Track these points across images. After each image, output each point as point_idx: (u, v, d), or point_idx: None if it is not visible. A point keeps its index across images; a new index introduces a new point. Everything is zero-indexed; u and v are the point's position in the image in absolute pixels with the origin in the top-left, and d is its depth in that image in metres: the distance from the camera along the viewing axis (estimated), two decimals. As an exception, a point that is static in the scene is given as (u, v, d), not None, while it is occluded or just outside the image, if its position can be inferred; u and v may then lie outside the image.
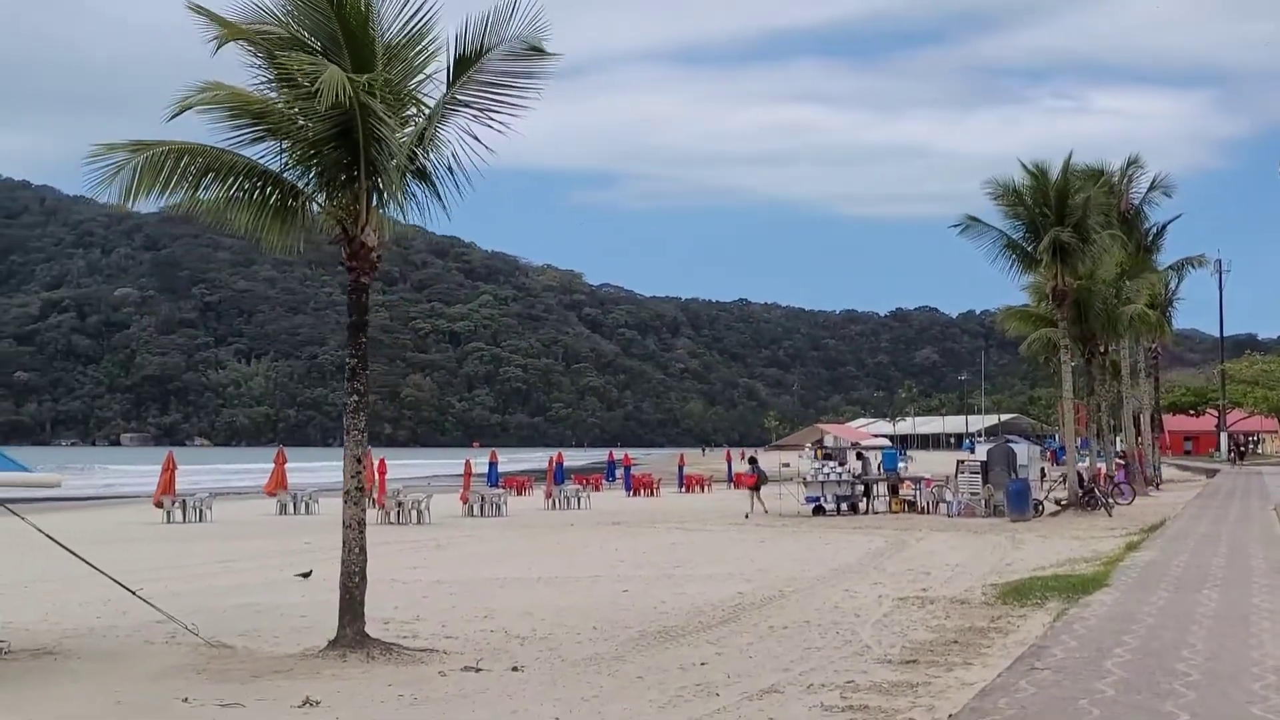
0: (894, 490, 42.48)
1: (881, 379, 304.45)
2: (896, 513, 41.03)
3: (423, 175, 15.34)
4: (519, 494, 61.23)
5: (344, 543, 15.05)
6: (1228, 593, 18.33)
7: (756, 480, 45.42)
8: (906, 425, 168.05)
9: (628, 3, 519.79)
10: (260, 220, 15.00)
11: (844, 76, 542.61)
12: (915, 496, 42.14)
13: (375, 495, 42.25)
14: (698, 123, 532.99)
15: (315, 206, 15.18)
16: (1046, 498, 40.62)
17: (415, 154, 15.09)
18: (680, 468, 71.03)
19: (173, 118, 14.23)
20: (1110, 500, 41.38)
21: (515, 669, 13.52)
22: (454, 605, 19.04)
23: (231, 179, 14.75)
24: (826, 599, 19.19)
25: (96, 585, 18.20)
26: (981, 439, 70.58)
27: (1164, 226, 63.73)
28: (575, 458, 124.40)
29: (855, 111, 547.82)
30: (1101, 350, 54.61)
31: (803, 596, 19.64)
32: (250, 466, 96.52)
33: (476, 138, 15.03)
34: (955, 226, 42.68)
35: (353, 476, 14.91)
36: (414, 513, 41.97)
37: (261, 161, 14.84)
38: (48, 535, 16.17)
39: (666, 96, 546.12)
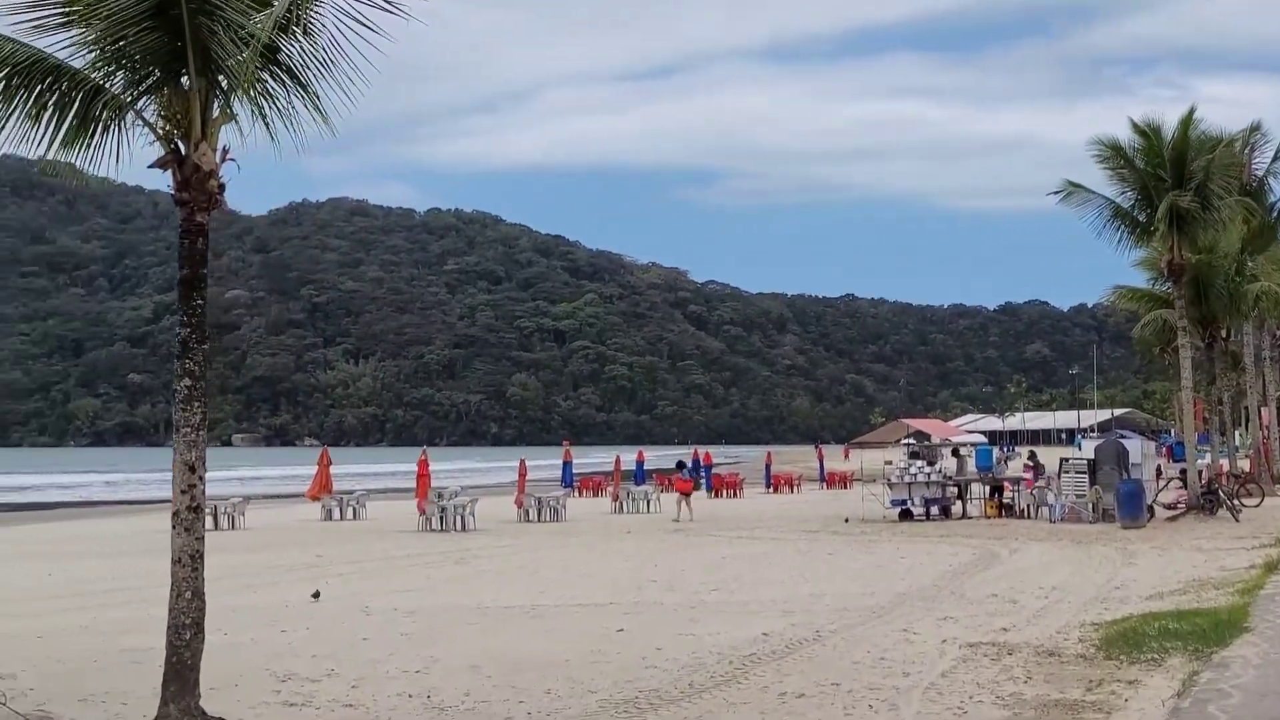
0: (992, 492, 37.59)
1: (990, 374, 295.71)
2: (992, 518, 36.20)
3: (289, 71, 11.13)
4: (595, 495, 57.25)
5: (172, 585, 10.84)
6: None
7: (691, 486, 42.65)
8: (1016, 421, 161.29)
9: (724, 2, 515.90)
10: (57, 138, 10.79)
11: (941, 70, 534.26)
12: (1013, 499, 37.24)
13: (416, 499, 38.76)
14: (796, 119, 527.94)
15: (134, 116, 10.93)
16: (1154, 501, 35.38)
17: (276, 43, 10.89)
18: (767, 466, 66.52)
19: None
20: (1237, 503, 36.07)
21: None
22: (392, 653, 14.80)
23: (7, 76, 10.57)
24: (874, 644, 14.65)
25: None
26: (1093, 434, 64.81)
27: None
28: (674, 455, 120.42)
29: (954, 105, 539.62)
30: (1223, 335, 48.97)
31: (845, 640, 15.11)
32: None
33: (363, 20, 10.68)
34: (1055, 193, 37.60)
35: (184, 491, 10.70)
36: (457, 519, 37.96)
37: (53, 53, 10.62)
38: None
39: (764, 93, 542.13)
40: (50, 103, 10.73)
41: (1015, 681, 12.16)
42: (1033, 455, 42.45)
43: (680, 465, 47.60)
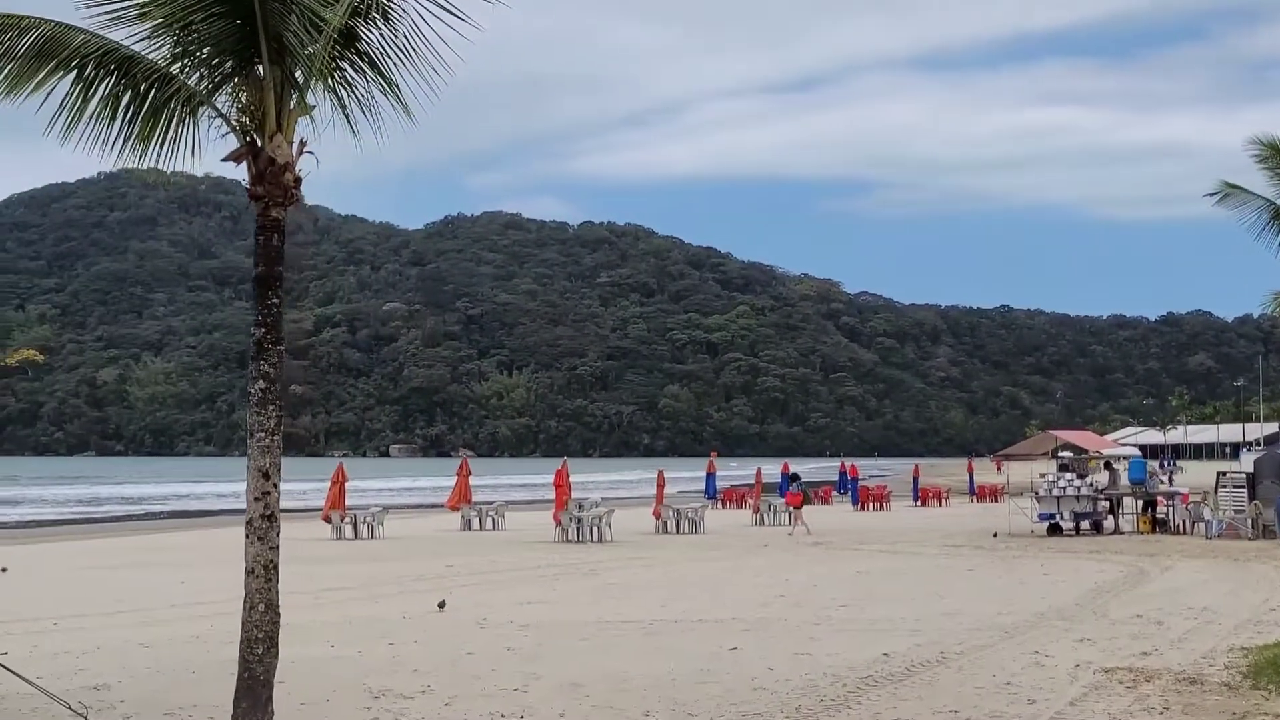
0: (1145, 506, 35.96)
1: (1152, 386, 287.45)
2: (1145, 533, 34.62)
3: (368, 59, 10.65)
4: (738, 507, 56.43)
5: (245, 598, 10.36)
6: None
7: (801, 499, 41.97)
8: (1178, 434, 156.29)
9: (871, 12, 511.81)
10: (133, 133, 10.43)
11: (1095, 76, 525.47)
12: (1168, 514, 35.57)
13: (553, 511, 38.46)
14: (946, 128, 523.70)
15: (210, 110, 10.53)
16: None
17: (354, 29, 10.43)
18: (915, 479, 65.01)
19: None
20: None
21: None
22: (495, 669, 14.24)
23: (79, 69, 10.23)
24: (1002, 668, 13.70)
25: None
26: (1257, 447, 62.05)
27: None
28: (826, 468, 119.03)
29: (1109, 112, 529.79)
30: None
31: (971, 662, 14.18)
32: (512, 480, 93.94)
33: (445, 5, 10.15)
34: (1211, 195, 35.83)
35: (257, 499, 10.24)
36: (593, 530, 37.48)
37: (125, 44, 10.25)
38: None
39: (915, 102, 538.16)
40: (124, 96, 10.38)
41: (1150, 713, 11.18)
42: (1108, 464, 40.46)
43: (793, 478, 46.59)
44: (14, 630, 18.20)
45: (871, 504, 57.28)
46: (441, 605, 20.31)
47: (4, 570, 29.12)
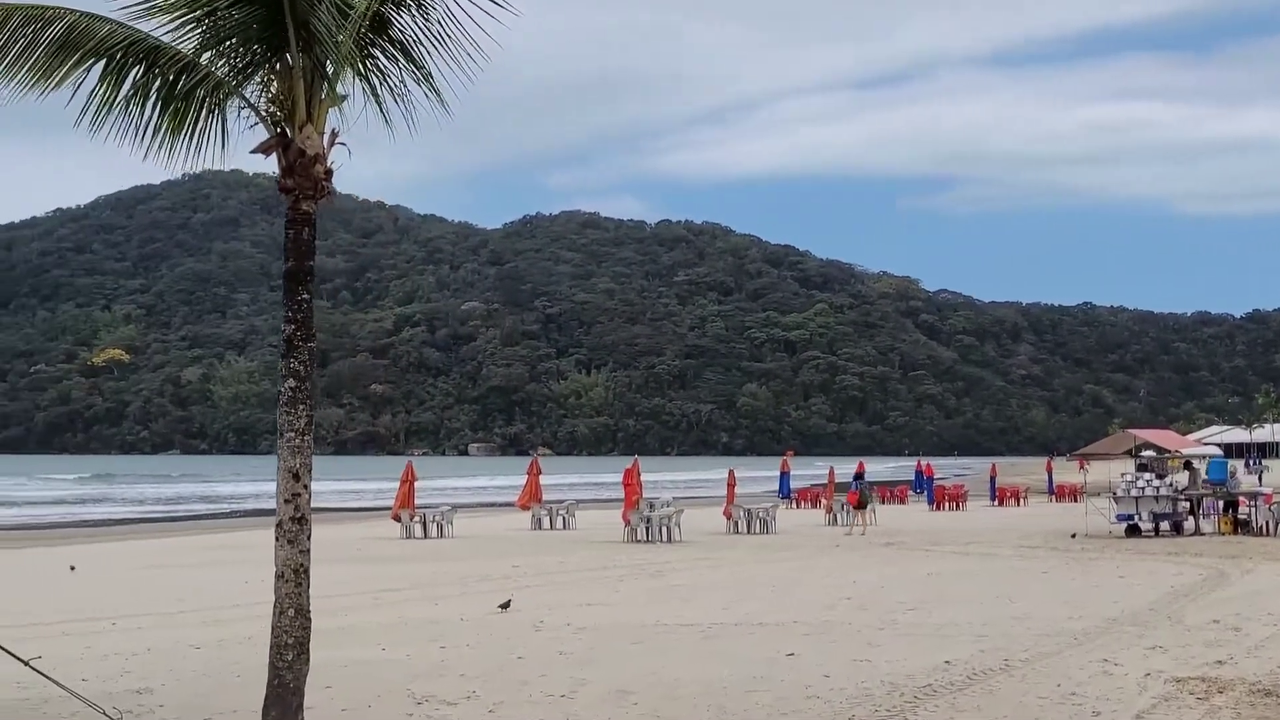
0: (1226, 507, 35.01)
1: (1238, 384, 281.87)
2: (1227, 535, 33.68)
3: (401, 47, 10.35)
4: (813, 507, 55.85)
5: (275, 602, 10.09)
6: None
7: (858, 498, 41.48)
8: (1265, 432, 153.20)
9: (951, 7, 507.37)
10: (157, 123, 10.19)
11: (1177, 70, 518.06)
12: (1250, 515, 34.60)
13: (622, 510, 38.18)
14: (1027, 124, 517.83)
15: (240, 101, 10.26)
16: None
17: (385, 16, 10.13)
18: (992, 479, 64.04)
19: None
20: None
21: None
22: (544, 674, 13.89)
23: (106, 59, 10.00)
24: (1068, 676, 13.16)
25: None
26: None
27: None
28: (904, 467, 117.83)
29: (1192, 106, 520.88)
30: None
31: (1035, 670, 13.63)
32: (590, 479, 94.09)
33: (482, -11, 9.79)
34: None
35: (288, 500, 9.95)
36: (663, 530, 37.12)
37: (151, 33, 10.00)
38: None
39: (993, 98, 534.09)
40: (153, 87, 10.16)
41: (1222, 726, 10.64)
42: (1188, 463, 39.41)
43: (857, 477, 45.98)
44: (71, 630, 18.19)
45: (947, 503, 56.50)
46: (505, 606, 20.06)
47: (72, 569, 29.29)
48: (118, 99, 10.13)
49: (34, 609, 20.97)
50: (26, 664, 11.23)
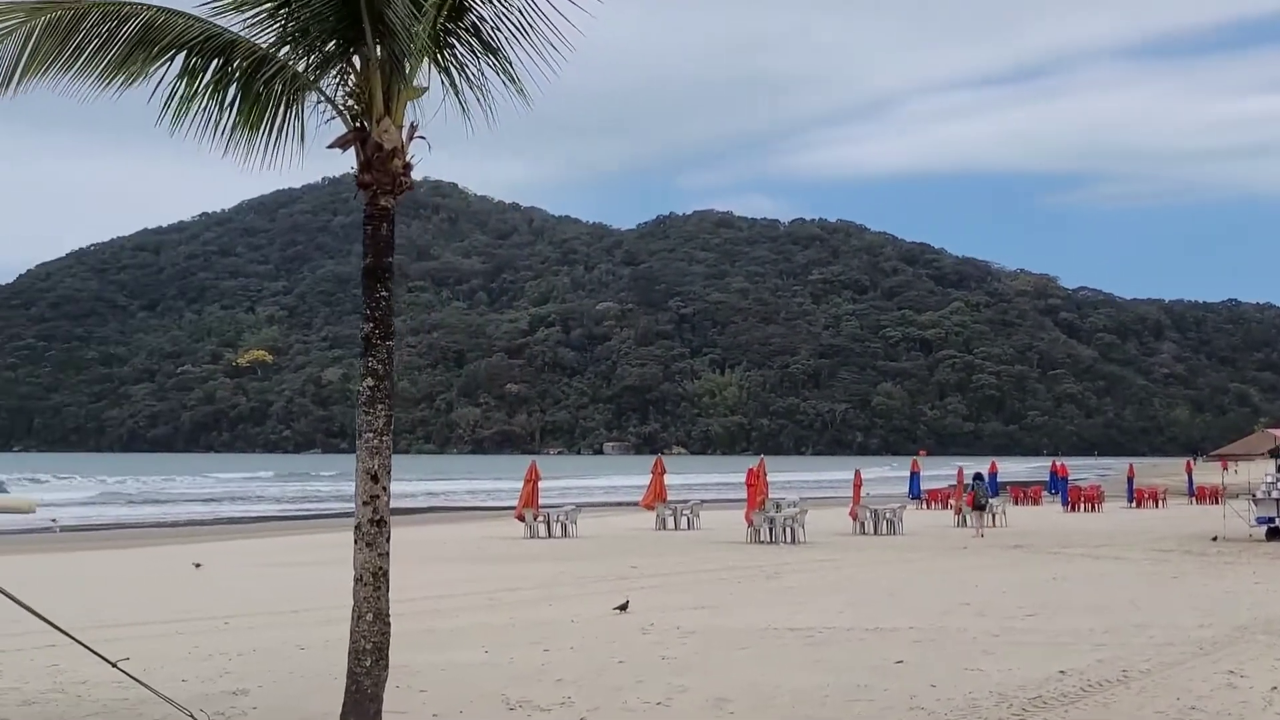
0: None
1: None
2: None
3: (478, 36, 10.11)
4: (944, 507, 54.91)
5: (354, 606, 9.90)
6: None
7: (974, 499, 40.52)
8: None
9: (1088, 1, 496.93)
10: (232, 117, 10.07)
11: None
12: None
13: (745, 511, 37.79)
14: (1168, 118, 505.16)
15: (317, 94, 10.10)
16: None
17: (464, 5, 9.89)
18: (1129, 479, 62.37)
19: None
20: None
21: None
22: (642, 680, 13.57)
23: (181, 53, 9.89)
24: (1188, 689, 12.51)
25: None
26: None
27: None
28: (1041, 467, 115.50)
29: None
30: None
31: (1155, 682, 12.99)
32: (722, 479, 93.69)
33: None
34: None
35: (366, 503, 9.76)
36: (786, 530, 36.64)
37: (229, 28, 9.87)
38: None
39: (1133, 93, 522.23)
40: (229, 82, 10.04)
41: (1349, 746, 9.97)
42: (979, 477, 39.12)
43: (977, 477, 44.88)
44: (184, 629, 18.30)
45: (1082, 505, 55.12)
46: (623, 607, 19.86)
47: (197, 566, 29.68)
48: (195, 94, 10.02)
49: (153, 607, 21.21)
50: (114, 665, 11.22)
